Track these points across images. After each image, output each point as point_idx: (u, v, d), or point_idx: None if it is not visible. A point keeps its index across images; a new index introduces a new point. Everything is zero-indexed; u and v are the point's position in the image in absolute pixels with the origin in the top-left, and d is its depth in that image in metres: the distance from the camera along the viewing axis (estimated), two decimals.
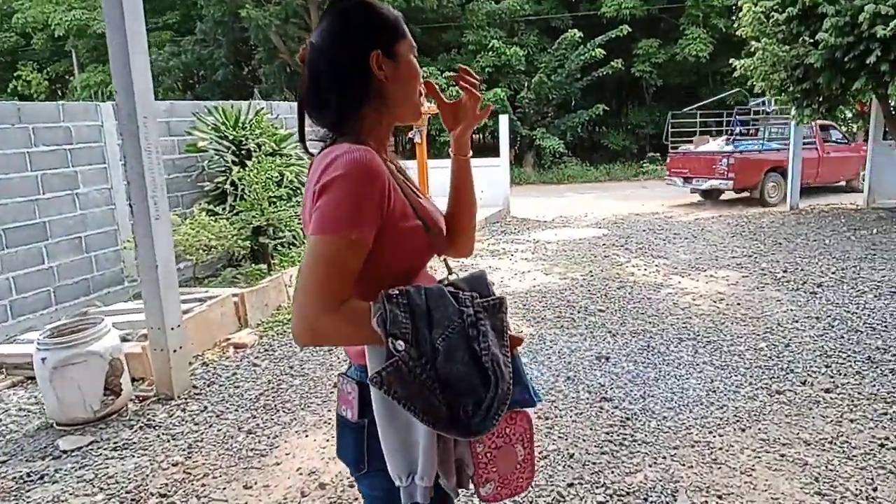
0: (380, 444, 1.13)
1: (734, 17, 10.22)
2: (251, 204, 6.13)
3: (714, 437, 3.02)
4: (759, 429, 3.07)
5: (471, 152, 1.42)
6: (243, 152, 6.67)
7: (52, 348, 3.20)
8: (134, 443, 3.15)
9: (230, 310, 4.70)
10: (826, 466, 2.71)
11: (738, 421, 3.15)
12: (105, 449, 3.07)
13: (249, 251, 6.42)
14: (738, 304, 4.98)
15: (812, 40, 7.76)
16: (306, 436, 3.17)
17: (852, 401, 3.30)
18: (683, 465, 2.78)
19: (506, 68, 17.11)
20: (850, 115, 12.41)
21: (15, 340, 4.56)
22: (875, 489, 2.52)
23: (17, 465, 2.97)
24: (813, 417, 3.15)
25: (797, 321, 4.51)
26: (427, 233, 1.21)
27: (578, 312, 4.94)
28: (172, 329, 3.64)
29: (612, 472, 2.72)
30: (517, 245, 7.63)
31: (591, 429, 3.13)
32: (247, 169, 6.26)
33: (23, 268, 5.01)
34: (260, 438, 3.16)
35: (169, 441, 3.16)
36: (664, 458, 2.84)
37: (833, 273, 5.67)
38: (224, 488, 2.73)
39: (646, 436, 3.04)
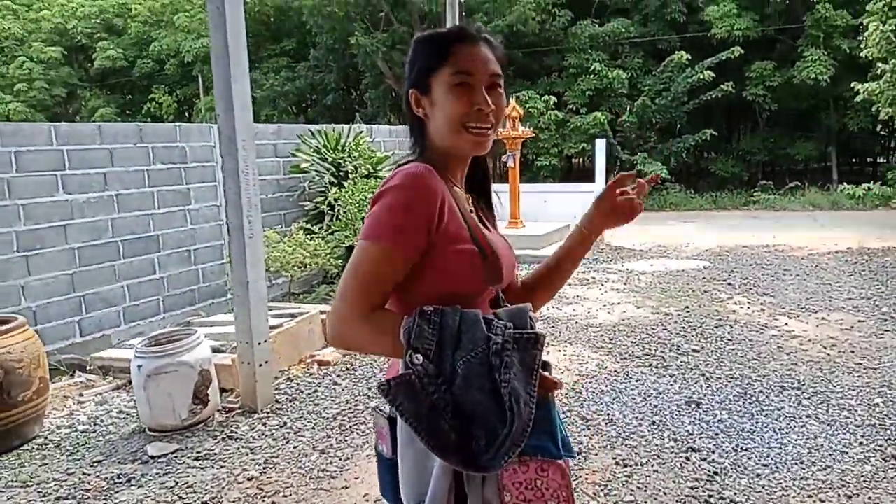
0: None
1: (859, 38, 9.45)
2: (345, 224, 6.34)
3: (815, 502, 2.72)
4: (870, 497, 2.74)
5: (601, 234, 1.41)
6: (341, 174, 6.92)
7: (148, 356, 3.41)
8: (215, 454, 3.28)
9: (317, 327, 4.83)
10: None
11: (843, 486, 2.83)
12: (188, 458, 3.22)
13: (342, 269, 6.62)
14: (852, 351, 4.51)
15: None
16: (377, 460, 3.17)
17: None
18: None
19: (607, 91, 16.76)
20: None
21: (122, 345, 4.91)
22: None
23: (110, 465, 3.18)
24: None
25: None
26: (483, 261, 1.18)
27: (670, 351, 4.67)
28: (259, 344, 3.79)
29: None
30: (609, 274, 7.37)
31: (674, 481, 2.91)
32: (343, 190, 6.49)
33: (136, 277, 5.42)
34: (332, 459, 3.20)
35: (247, 454, 3.27)
36: None
37: None
38: None
39: (735, 494, 2.80)
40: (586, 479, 2.97)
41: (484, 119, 1.20)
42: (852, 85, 8.73)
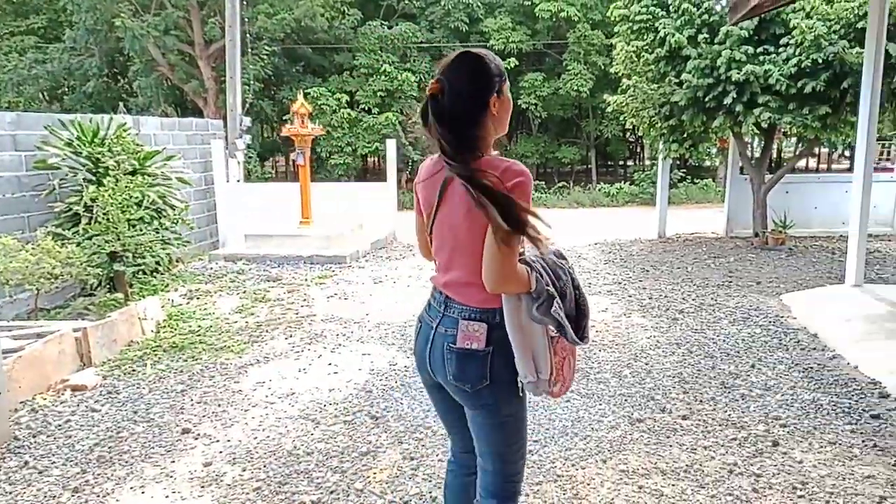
0: (500, 363, 1.73)
1: (611, 56, 10.81)
2: (106, 227, 5.61)
3: (577, 469, 3.00)
4: (620, 459, 3.10)
5: None
6: (101, 170, 6.12)
7: None
8: None
9: (70, 347, 4.20)
10: (680, 496, 2.75)
11: (600, 452, 3.16)
12: None
13: (106, 279, 5.86)
14: (607, 330, 5.11)
15: (677, 80, 8.31)
16: (143, 492, 2.83)
17: (706, 427, 3.41)
18: (545, 501, 2.73)
19: (398, 93, 17.19)
20: (713, 150, 13.50)
21: None
22: None
23: None
24: (670, 446, 3.23)
25: (659, 347, 4.68)
26: None
27: None
28: None
29: None
30: (401, 272, 7.52)
31: None
32: (102, 188, 5.74)
33: None
34: (88, 498, 2.79)
35: None
36: (527, 495, 2.78)
37: (694, 300, 5.99)
38: None
39: None
40: (374, 477, 2.95)
41: None
42: (605, 97, 9.89)
